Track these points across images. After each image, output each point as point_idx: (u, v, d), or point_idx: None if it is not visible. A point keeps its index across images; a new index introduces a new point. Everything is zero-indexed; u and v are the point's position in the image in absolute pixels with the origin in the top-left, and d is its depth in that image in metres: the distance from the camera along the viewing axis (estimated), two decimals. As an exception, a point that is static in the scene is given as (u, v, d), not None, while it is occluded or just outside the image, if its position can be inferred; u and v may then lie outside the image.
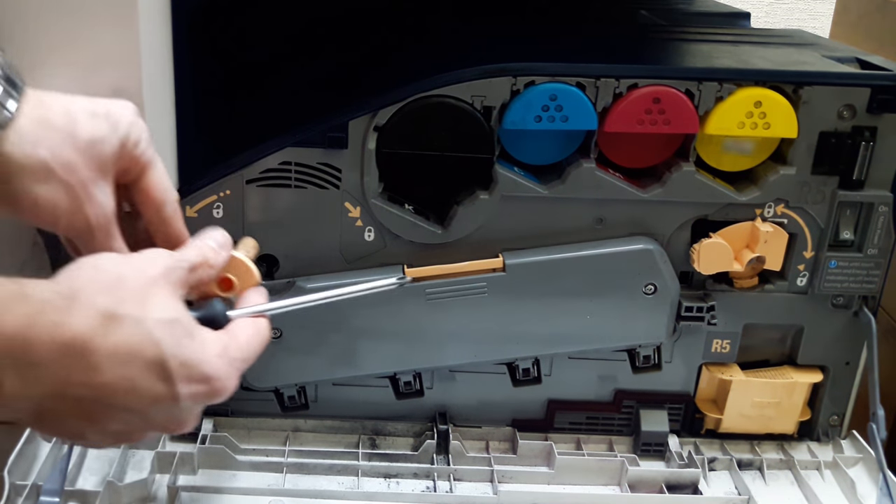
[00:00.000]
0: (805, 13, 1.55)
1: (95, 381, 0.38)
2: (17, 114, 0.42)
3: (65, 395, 0.38)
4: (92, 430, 0.40)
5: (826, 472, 0.66)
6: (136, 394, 0.39)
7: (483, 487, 0.63)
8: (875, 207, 0.61)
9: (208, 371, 0.41)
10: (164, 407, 0.40)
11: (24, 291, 0.37)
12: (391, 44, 0.74)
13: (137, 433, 0.42)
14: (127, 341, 0.38)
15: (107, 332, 0.38)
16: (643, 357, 0.65)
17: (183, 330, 0.40)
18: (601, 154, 0.61)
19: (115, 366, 0.38)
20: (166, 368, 0.39)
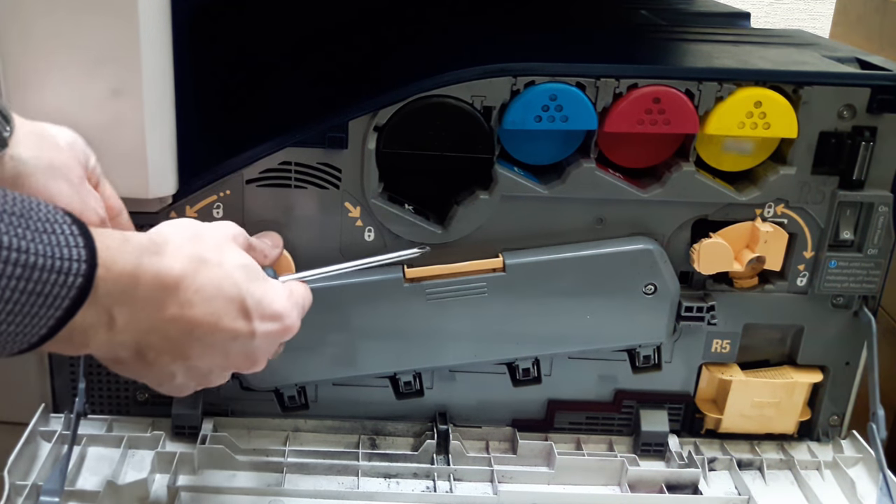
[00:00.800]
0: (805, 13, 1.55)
1: (187, 315, 0.43)
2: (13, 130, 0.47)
3: (162, 329, 0.42)
4: (182, 367, 0.45)
5: (826, 472, 0.66)
6: (220, 328, 0.44)
7: (483, 487, 0.63)
8: (875, 207, 0.61)
9: (279, 309, 0.47)
10: (242, 342, 0.46)
11: (126, 237, 0.41)
12: (391, 44, 0.74)
13: (218, 372, 0.48)
14: (211, 280, 0.44)
15: (195, 271, 0.43)
16: (643, 357, 0.65)
17: (255, 273, 0.47)
18: (601, 154, 0.61)
19: (202, 301, 0.43)
20: (245, 305, 0.45)
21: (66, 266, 0.36)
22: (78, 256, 0.37)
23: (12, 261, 0.34)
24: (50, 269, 0.36)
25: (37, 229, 0.36)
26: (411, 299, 0.61)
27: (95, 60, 0.51)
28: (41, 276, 0.36)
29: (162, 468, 0.61)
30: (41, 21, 0.50)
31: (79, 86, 0.51)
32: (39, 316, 0.36)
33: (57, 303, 0.37)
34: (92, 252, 0.38)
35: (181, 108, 0.56)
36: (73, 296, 0.37)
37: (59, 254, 0.36)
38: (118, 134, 0.53)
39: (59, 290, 0.36)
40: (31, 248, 0.35)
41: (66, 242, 0.37)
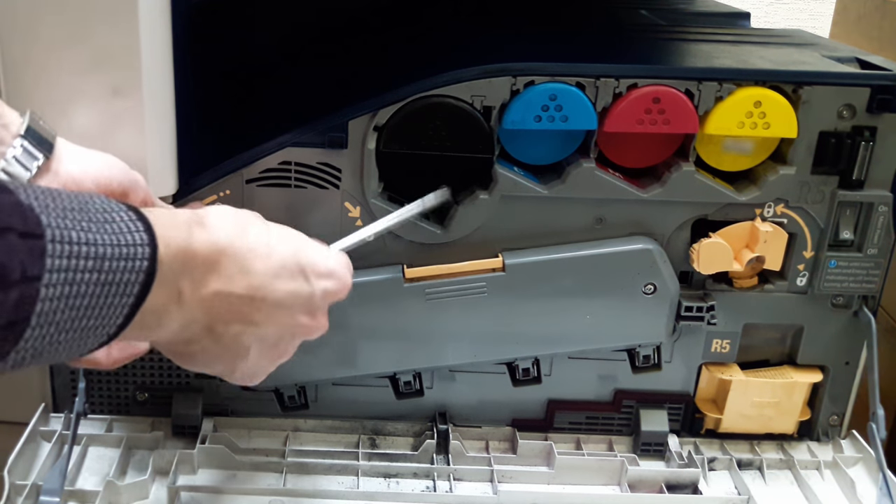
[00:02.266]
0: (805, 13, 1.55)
1: (247, 276, 0.44)
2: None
3: (225, 295, 0.43)
4: (252, 336, 0.45)
5: (826, 471, 0.66)
6: (280, 286, 0.45)
7: (483, 487, 0.63)
8: (875, 207, 0.61)
9: (332, 266, 0.49)
10: (303, 301, 0.47)
11: (173, 213, 0.42)
12: (391, 44, 0.74)
13: (287, 340, 0.48)
14: (261, 240, 0.45)
15: (243, 233, 0.44)
16: (643, 357, 0.65)
17: (300, 234, 0.48)
18: (601, 154, 0.61)
19: (256, 258, 0.44)
20: (300, 263, 0.46)
21: (131, 252, 0.37)
22: (141, 241, 0.38)
23: (83, 254, 0.35)
24: (118, 257, 0.36)
25: (98, 220, 0.36)
26: (411, 299, 0.61)
27: (95, 60, 0.51)
28: (111, 266, 0.36)
29: (162, 468, 0.61)
30: (41, 21, 0.50)
31: (79, 86, 0.51)
32: (115, 305, 0.37)
33: (129, 289, 0.37)
34: (151, 234, 0.38)
35: (181, 108, 0.56)
36: (142, 280, 0.38)
37: (123, 241, 0.37)
38: (118, 134, 0.53)
39: (129, 276, 0.37)
40: (98, 240, 0.36)
41: (126, 228, 0.37)
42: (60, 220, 0.35)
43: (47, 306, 0.34)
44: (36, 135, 0.47)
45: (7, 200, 0.33)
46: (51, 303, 0.34)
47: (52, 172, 0.47)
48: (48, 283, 0.34)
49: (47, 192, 0.35)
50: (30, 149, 0.46)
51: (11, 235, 0.32)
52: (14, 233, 0.32)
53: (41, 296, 0.33)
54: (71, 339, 0.36)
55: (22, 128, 0.46)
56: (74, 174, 0.48)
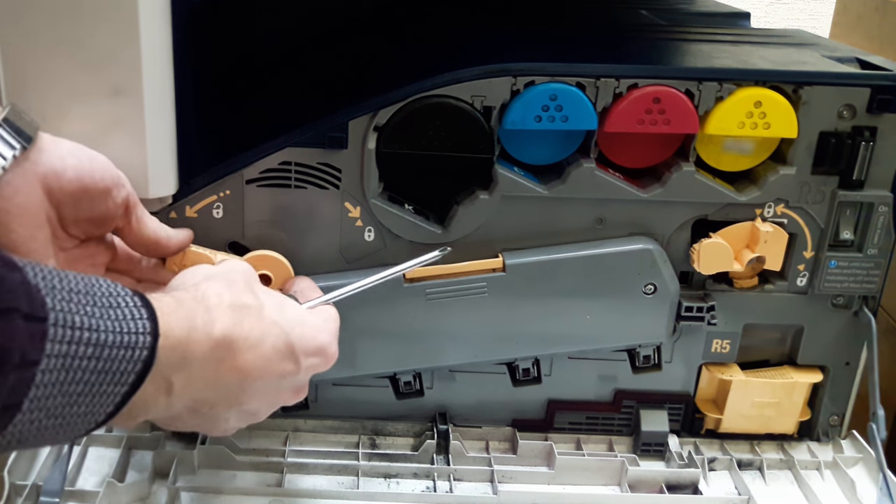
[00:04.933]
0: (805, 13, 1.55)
1: (238, 366, 0.43)
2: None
3: (216, 383, 0.43)
4: (236, 412, 0.46)
5: (826, 472, 0.66)
6: (270, 371, 0.45)
7: (483, 487, 0.63)
8: (875, 207, 0.61)
9: (322, 343, 0.49)
10: (290, 380, 0.47)
11: (178, 300, 0.42)
12: (391, 44, 0.74)
13: (265, 410, 0.48)
14: (256, 326, 0.45)
15: (241, 321, 0.44)
16: (643, 357, 0.65)
17: (292, 310, 0.48)
18: (601, 154, 0.61)
19: (250, 349, 0.44)
20: (291, 346, 0.46)
21: (132, 340, 0.36)
22: (143, 329, 0.37)
23: (84, 340, 0.34)
24: (119, 346, 0.36)
25: (102, 305, 0.36)
26: (411, 299, 0.61)
27: (95, 60, 0.51)
28: (110, 354, 0.35)
29: (162, 468, 0.61)
30: (41, 21, 0.50)
31: (79, 86, 0.51)
32: (108, 394, 0.36)
33: (124, 378, 0.36)
34: (154, 322, 0.38)
35: (181, 108, 0.56)
36: (138, 370, 0.37)
37: (125, 328, 0.36)
38: (118, 134, 0.53)
39: (125, 366, 0.36)
40: (101, 325, 0.35)
41: (130, 315, 0.37)
42: (65, 302, 0.34)
43: (41, 392, 0.33)
44: (14, 126, 0.46)
45: (15, 279, 0.32)
46: (45, 388, 0.33)
47: (31, 162, 0.46)
48: (45, 368, 0.33)
49: (54, 272, 0.35)
50: (6, 138, 0.45)
51: (16, 317, 0.31)
52: (19, 314, 0.32)
53: (36, 381, 0.32)
54: (58, 426, 0.35)
55: (1, 115, 0.46)
56: (56, 167, 0.47)
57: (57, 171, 0.47)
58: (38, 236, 0.48)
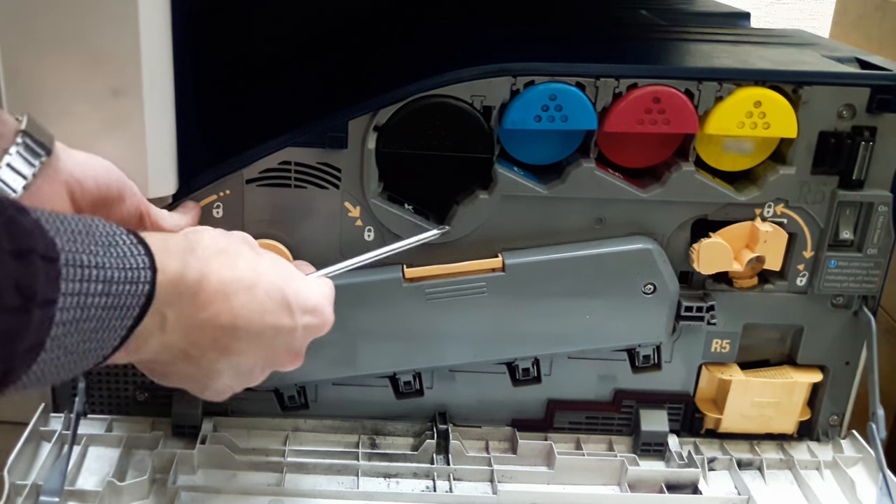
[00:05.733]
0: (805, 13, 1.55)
1: (231, 305, 0.43)
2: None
3: (208, 324, 0.43)
4: (227, 363, 0.45)
5: (826, 471, 0.66)
6: (264, 322, 0.45)
7: (483, 487, 0.63)
8: (875, 207, 0.61)
9: (316, 300, 0.49)
10: (285, 336, 0.47)
11: (165, 238, 0.42)
12: (391, 44, 0.74)
13: (260, 368, 0.48)
14: (248, 271, 0.45)
15: (234, 263, 0.44)
16: (643, 357, 0.65)
17: (288, 266, 0.48)
18: (601, 154, 0.61)
19: (244, 291, 0.44)
20: (286, 299, 0.46)
21: (135, 275, 0.37)
22: (143, 264, 0.38)
23: (93, 278, 0.35)
24: (124, 281, 0.37)
25: (103, 243, 0.36)
26: (411, 299, 0.61)
27: (96, 60, 0.51)
28: (118, 289, 0.36)
29: (162, 468, 0.61)
30: (41, 21, 0.50)
31: (79, 86, 0.51)
32: (115, 328, 0.37)
33: (129, 312, 0.37)
34: (151, 258, 0.39)
35: (181, 108, 0.56)
36: (141, 303, 0.38)
37: (128, 264, 0.37)
38: (118, 134, 0.53)
39: (131, 300, 0.37)
40: (106, 263, 0.36)
41: (130, 252, 0.38)
42: (71, 243, 0.35)
43: (60, 330, 0.34)
44: (37, 132, 0.47)
45: (29, 221, 0.33)
46: (64, 326, 0.34)
47: (53, 170, 0.47)
48: (63, 306, 0.34)
49: (56, 215, 0.35)
50: (31, 145, 0.46)
51: (35, 257, 0.32)
52: (37, 255, 0.32)
53: (56, 319, 0.33)
54: (70, 363, 0.36)
55: (22, 124, 0.46)
56: (76, 174, 0.48)
57: (78, 179, 0.48)
58: None
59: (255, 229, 0.60)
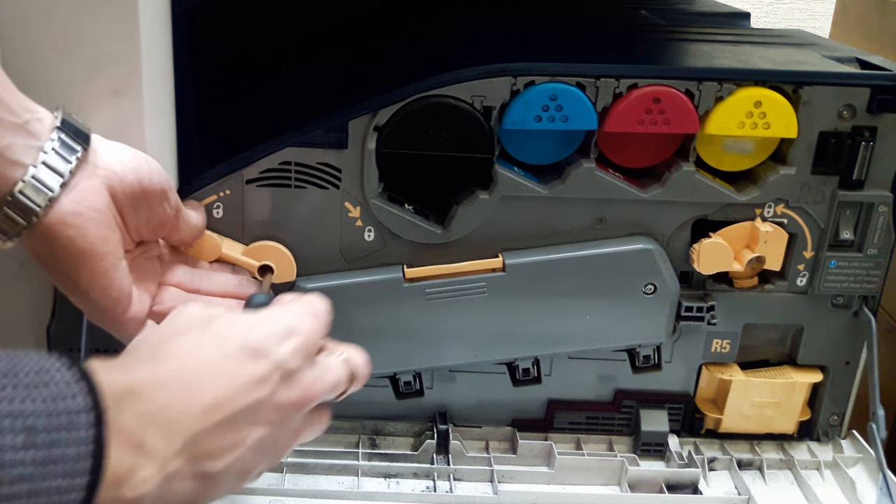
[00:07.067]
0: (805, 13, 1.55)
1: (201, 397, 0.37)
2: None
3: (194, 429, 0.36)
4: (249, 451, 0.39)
5: (826, 472, 0.66)
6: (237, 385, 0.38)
7: (483, 487, 0.63)
8: (875, 207, 0.61)
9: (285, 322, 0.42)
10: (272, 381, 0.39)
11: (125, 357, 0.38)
12: (391, 44, 0.74)
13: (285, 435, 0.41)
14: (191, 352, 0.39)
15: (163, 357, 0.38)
16: (643, 357, 0.65)
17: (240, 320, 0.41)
18: (601, 154, 0.61)
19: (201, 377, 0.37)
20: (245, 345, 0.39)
21: (72, 420, 0.31)
22: (84, 405, 0.32)
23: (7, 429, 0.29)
24: (56, 428, 0.31)
25: (27, 384, 0.31)
26: (411, 299, 0.61)
27: (96, 60, 0.51)
28: (48, 438, 0.30)
29: (162, 468, 0.61)
30: (41, 22, 0.50)
31: (79, 86, 0.51)
32: (64, 489, 0.31)
33: (81, 465, 0.31)
34: (95, 395, 0.32)
35: (181, 108, 0.56)
36: (92, 450, 0.32)
37: (59, 408, 0.31)
38: (118, 134, 0.53)
39: (74, 450, 0.31)
40: (27, 409, 0.30)
41: (62, 394, 0.31)
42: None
43: None
44: (72, 127, 0.46)
45: None
46: None
47: (91, 165, 0.46)
48: None
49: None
50: (67, 141, 0.45)
51: None
52: None
53: None
54: None
55: (58, 120, 0.46)
56: (115, 168, 0.47)
57: (118, 174, 0.47)
58: (111, 238, 0.47)
59: (255, 229, 0.60)
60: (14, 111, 0.44)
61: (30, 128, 0.44)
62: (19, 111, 0.44)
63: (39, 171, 0.44)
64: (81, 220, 0.45)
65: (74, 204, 0.45)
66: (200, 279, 0.56)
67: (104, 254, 0.47)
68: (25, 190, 0.44)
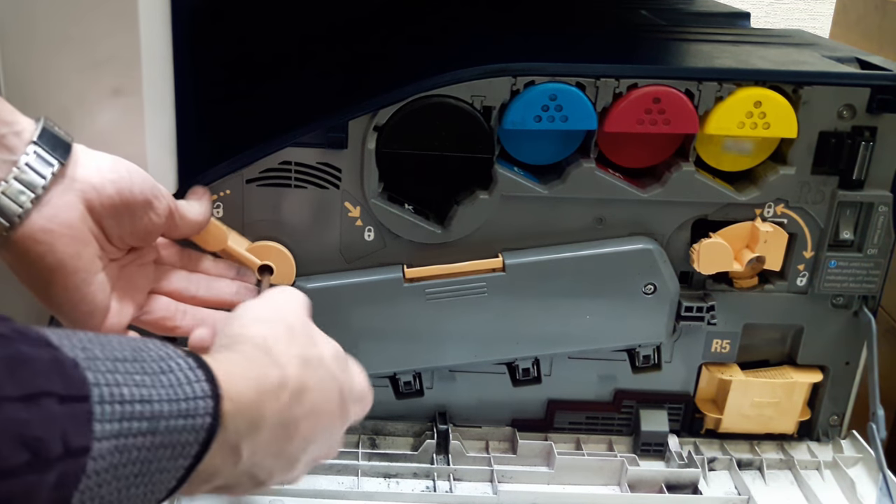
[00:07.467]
0: (805, 13, 1.55)
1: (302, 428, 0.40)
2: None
3: (281, 452, 0.39)
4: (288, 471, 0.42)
5: (826, 472, 0.66)
6: (323, 426, 0.41)
7: (483, 487, 0.63)
8: (875, 207, 0.61)
9: (361, 390, 0.46)
10: (338, 429, 0.44)
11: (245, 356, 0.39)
12: (391, 44, 0.74)
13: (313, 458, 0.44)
14: (318, 385, 0.41)
15: (306, 380, 0.40)
16: (643, 357, 0.65)
17: (344, 361, 0.45)
18: (601, 154, 0.61)
19: (312, 409, 0.40)
20: (343, 399, 0.43)
21: (191, 407, 0.32)
22: (202, 392, 0.33)
23: (136, 415, 0.30)
24: (176, 415, 0.31)
25: (153, 370, 0.32)
26: (411, 299, 0.61)
27: (95, 61, 0.51)
28: (168, 426, 0.31)
29: (162, 468, 0.61)
30: (41, 21, 0.50)
31: (79, 86, 0.51)
32: (168, 469, 0.32)
33: (186, 450, 0.32)
34: (214, 384, 0.33)
35: (181, 108, 0.56)
36: (202, 439, 0.32)
37: (182, 394, 0.32)
38: (118, 134, 0.53)
39: (186, 436, 0.32)
40: (154, 395, 0.31)
41: (185, 379, 0.33)
42: (110, 374, 0.30)
43: (93, 481, 0.29)
44: (51, 140, 0.45)
45: (44, 357, 0.29)
46: (97, 476, 0.29)
47: (69, 179, 0.46)
48: (96, 454, 0.29)
49: (95, 340, 0.31)
50: (43, 155, 0.45)
51: (50, 402, 0.28)
52: (53, 398, 0.28)
53: (87, 470, 0.28)
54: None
55: (35, 134, 0.45)
56: (94, 182, 0.47)
57: (96, 187, 0.47)
58: (83, 254, 0.47)
59: (255, 229, 0.60)
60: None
61: (6, 142, 0.44)
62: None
63: (11, 186, 0.44)
64: (50, 237, 0.45)
65: (45, 220, 0.45)
66: (198, 285, 0.56)
67: (74, 269, 0.46)
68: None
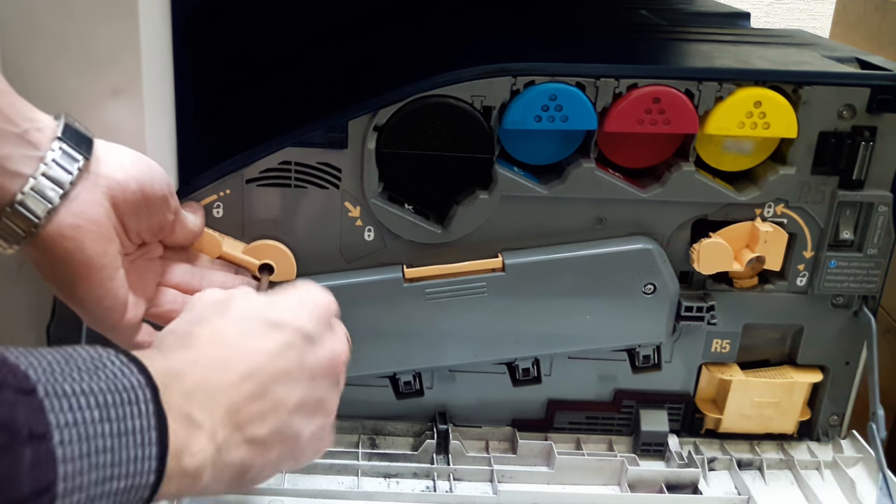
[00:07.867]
0: (805, 13, 1.55)
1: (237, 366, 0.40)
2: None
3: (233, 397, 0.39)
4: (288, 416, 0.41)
5: (826, 472, 0.66)
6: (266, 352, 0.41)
7: (483, 487, 0.63)
8: (875, 207, 0.61)
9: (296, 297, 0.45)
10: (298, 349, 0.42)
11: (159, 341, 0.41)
12: (391, 43, 0.74)
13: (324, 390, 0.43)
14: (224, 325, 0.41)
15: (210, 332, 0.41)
16: (643, 357, 0.65)
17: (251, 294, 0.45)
18: (601, 154, 0.61)
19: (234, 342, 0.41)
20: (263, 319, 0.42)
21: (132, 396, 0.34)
22: (138, 383, 0.34)
23: (85, 405, 0.32)
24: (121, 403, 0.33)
25: (87, 369, 0.33)
26: (411, 299, 0.61)
27: (95, 61, 0.51)
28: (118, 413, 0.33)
29: (162, 468, 0.61)
30: (41, 21, 0.50)
31: (79, 86, 0.51)
32: (140, 458, 0.33)
33: (146, 437, 0.33)
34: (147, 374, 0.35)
35: (181, 108, 0.56)
36: (154, 423, 0.34)
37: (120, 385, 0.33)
38: (118, 134, 0.53)
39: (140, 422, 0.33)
40: (95, 388, 0.32)
41: (121, 373, 0.34)
42: (48, 374, 0.32)
43: (70, 468, 0.31)
44: (74, 136, 0.46)
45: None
46: (73, 464, 0.31)
47: (93, 175, 0.46)
48: (61, 440, 0.30)
49: (22, 350, 0.32)
50: (69, 151, 0.45)
51: (8, 392, 0.30)
52: (10, 389, 0.30)
53: (58, 456, 0.30)
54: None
55: (59, 129, 0.45)
56: (118, 177, 0.47)
57: (121, 183, 0.47)
58: (108, 250, 0.47)
59: (255, 229, 0.60)
60: (12, 121, 0.43)
61: (29, 137, 0.44)
62: (18, 120, 0.44)
63: (40, 182, 0.44)
64: (80, 234, 0.45)
65: (73, 217, 0.45)
66: (201, 278, 0.56)
67: (101, 266, 0.47)
68: (26, 201, 0.44)
